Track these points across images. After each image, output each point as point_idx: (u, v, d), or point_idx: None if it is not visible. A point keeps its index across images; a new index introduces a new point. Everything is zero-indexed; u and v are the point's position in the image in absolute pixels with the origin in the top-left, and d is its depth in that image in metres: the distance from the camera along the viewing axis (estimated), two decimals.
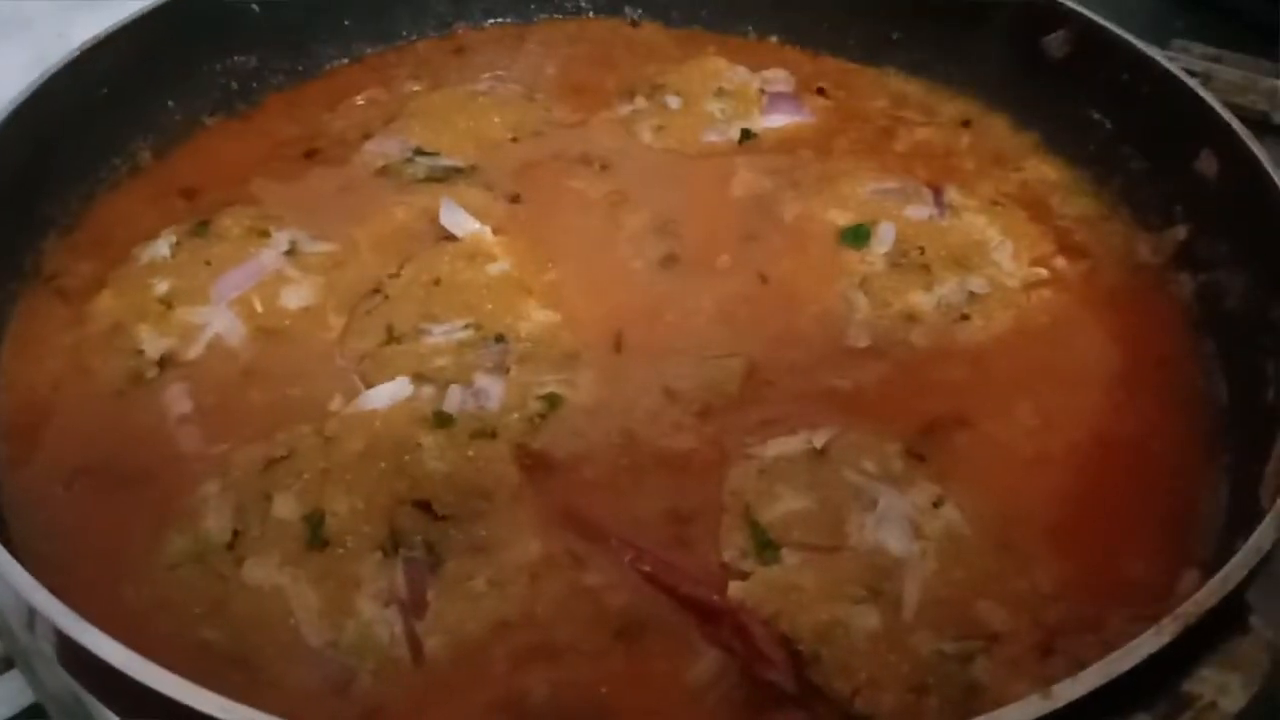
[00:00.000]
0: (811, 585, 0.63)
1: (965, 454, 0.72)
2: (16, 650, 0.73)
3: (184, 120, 0.97)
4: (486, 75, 1.04)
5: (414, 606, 0.62)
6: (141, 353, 0.77)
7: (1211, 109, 0.81)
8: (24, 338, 0.80)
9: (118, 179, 0.92)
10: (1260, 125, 0.93)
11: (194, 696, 0.50)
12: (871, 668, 0.60)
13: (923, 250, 0.84)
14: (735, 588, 0.63)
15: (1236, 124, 0.79)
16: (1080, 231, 0.89)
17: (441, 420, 0.71)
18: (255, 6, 0.99)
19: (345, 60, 1.06)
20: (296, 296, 0.80)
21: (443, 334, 0.77)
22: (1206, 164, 0.82)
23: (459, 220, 0.83)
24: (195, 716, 0.50)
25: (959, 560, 0.64)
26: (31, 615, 0.56)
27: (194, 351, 0.77)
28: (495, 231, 0.83)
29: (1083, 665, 0.52)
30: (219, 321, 0.78)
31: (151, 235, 0.84)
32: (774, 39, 1.09)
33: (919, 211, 0.87)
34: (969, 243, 0.85)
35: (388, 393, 0.72)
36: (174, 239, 0.83)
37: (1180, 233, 0.85)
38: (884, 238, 0.85)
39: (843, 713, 0.59)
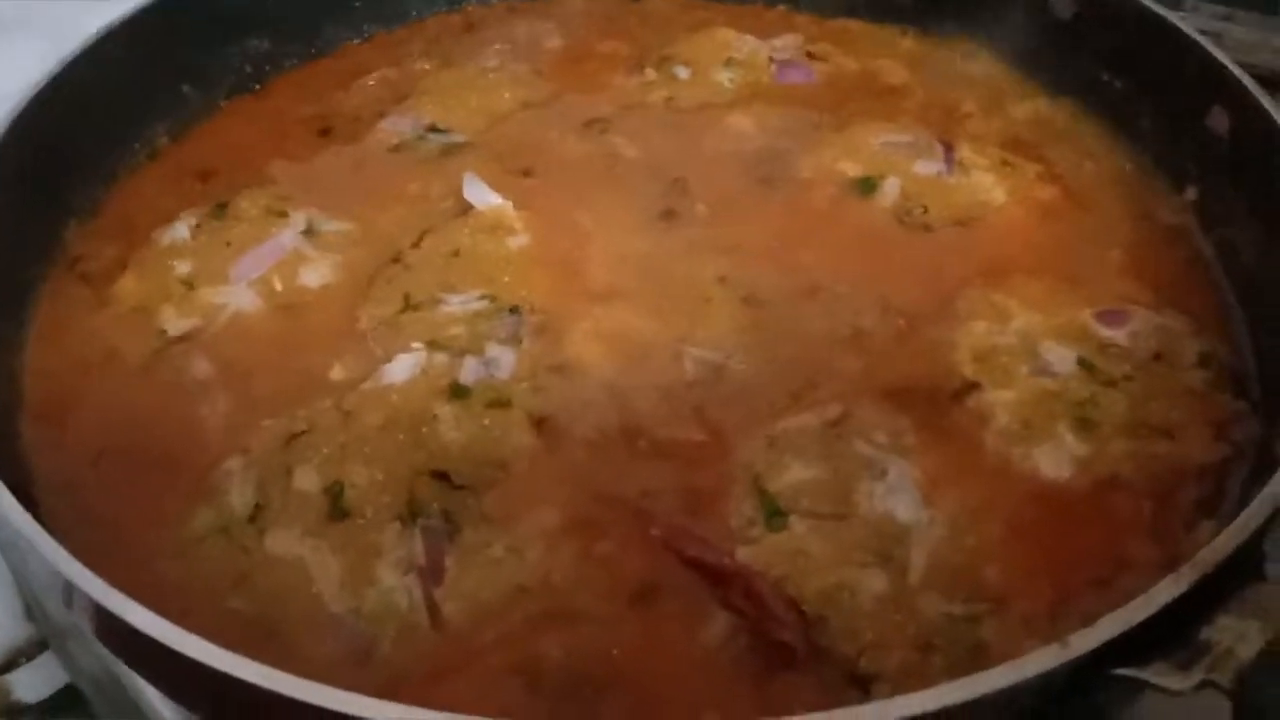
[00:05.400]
0: (818, 551, 0.63)
1: (976, 419, 0.71)
2: (51, 632, 0.74)
3: (200, 103, 0.98)
4: (495, 51, 1.04)
5: (432, 574, 0.64)
6: (164, 333, 0.78)
7: (1223, 66, 0.80)
8: (51, 322, 0.81)
9: (136, 163, 0.93)
10: (1272, 83, 0.92)
11: (232, 664, 0.51)
12: (877, 629, 0.60)
13: (926, 209, 0.84)
14: (743, 552, 0.64)
15: (1248, 81, 0.79)
16: (1091, 192, 0.88)
17: (458, 391, 0.72)
18: None
19: (356, 40, 1.07)
20: (315, 275, 0.82)
21: (459, 303, 0.78)
22: (1218, 122, 0.81)
23: (482, 194, 0.84)
24: (233, 683, 0.51)
25: (969, 527, 0.65)
26: (70, 592, 0.57)
27: (216, 331, 0.79)
28: (514, 206, 0.84)
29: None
30: (240, 301, 0.80)
31: (171, 218, 0.85)
32: (782, 7, 1.09)
33: (928, 167, 0.87)
34: (973, 203, 0.85)
35: (405, 366, 0.73)
36: (193, 221, 0.84)
37: (1192, 193, 0.85)
38: (889, 192, 0.85)
39: (848, 673, 0.60)
